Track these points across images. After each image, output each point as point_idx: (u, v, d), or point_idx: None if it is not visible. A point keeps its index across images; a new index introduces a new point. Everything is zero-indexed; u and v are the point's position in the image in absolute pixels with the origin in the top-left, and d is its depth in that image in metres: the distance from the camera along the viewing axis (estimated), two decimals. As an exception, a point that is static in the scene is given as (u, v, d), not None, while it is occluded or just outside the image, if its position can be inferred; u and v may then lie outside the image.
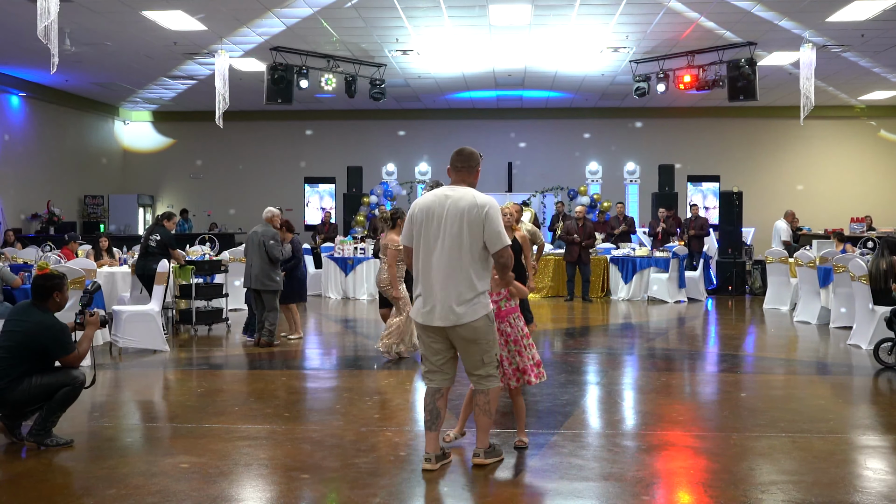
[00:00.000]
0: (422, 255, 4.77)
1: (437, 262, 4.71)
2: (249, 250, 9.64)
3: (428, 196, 4.87)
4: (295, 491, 4.60)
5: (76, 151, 20.34)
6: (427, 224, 4.76)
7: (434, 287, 4.72)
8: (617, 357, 9.26)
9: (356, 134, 21.99)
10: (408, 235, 4.89)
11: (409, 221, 4.88)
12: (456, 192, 4.80)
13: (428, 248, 4.75)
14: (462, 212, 4.69)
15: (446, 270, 4.69)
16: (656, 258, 14.81)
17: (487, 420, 4.90)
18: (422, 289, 4.78)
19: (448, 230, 4.69)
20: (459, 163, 4.92)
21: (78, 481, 4.87)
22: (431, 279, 4.73)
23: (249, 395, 7.22)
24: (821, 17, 12.41)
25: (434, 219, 4.74)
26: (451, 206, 4.72)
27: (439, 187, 4.96)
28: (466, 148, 4.98)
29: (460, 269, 4.69)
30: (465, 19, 12.69)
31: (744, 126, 21.33)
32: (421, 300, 4.79)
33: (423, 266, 4.77)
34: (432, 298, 4.72)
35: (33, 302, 5.50)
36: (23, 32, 12.52)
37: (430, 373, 4.91)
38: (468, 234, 4.67)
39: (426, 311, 4.76)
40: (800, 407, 6.68)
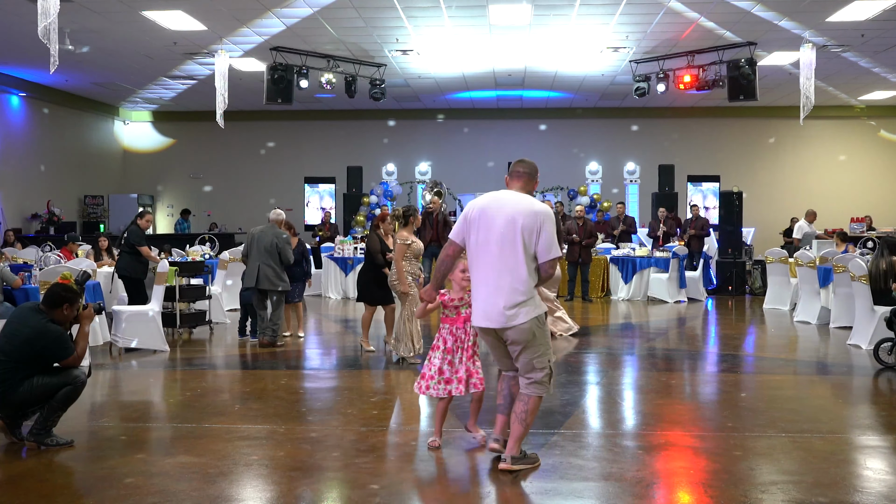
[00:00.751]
0: (477, 256, 4.80)
1: (490, 264, 4.74)
2: (256, 251, 9.56)
3: (485, 197, 4.93)
4: (295, 491, 4.60)
5: (76, 151, 20.34)
6: (482, 225, 4.78)
7: (485, 288, 4.75)
8: (617, 357, 9.26)
9: (356, 134, 21.99)
10: (458, 232, 4.90)
11: (463, 220, 4.90)
12: (514, 196, 4.88)
13: (482, 249, 4.77)
14: (519, 216, 4.72)
15: (498, 273, 4.71)
16: (656, 258, 14.81)
17: (521, 428, 4.84)
18: (478, 290, 4.82)
19: (503, 233, 4.71)
20: (521, 168, 5.03)
21: (78, 481, 4.87)
22: (483, 280, 4.77)
23: (249, 395, 7.21)
24: (821, 17, 12.42)
25: (490, 220, 4.77)
26: (508, 210, 4.76)
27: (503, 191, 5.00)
28: (528, 159, 5.14)
29: (513, 271, 4.70)
30: (465, 19, 12.69)
31: (744, 126, 21.34)
32: (477, 304, 4.83)
33: (477, 266, 4.80)
34: (482, 300, 4.77)
35: (40, 305, 5.47)
36: (23, 32, 12.52)
37: (498, 361, 5.07)
38: (523, 239, 4.69)
39: (478, 312, 4.82)
40: (800, 407, 6.68)
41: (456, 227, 4.93)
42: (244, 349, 9.64)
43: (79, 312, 5.62)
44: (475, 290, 4.83)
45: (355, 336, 11.00)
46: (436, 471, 4.93)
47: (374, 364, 8.70)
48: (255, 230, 9.81)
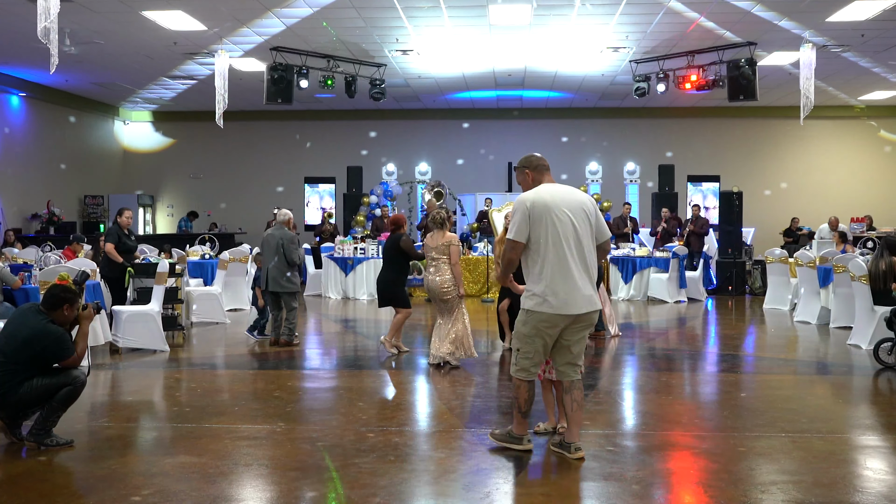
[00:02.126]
0: (554, 249, 4.93)
1: (574, 254, 4.95)
2: (266, 253, 9.60)
3: (541, 193, 5.03)
4: (295, 491, 4.60)
5: (76, 151, 20.34)
6: (551, 219, 4.93)
7: (573, 277, 4.92)
8: (617, 357, 9.26)
9: (356, 134, 22.00)
10: (524, 231, 4.98)
11: (525, 218, 4.97)
12: (566, 188, 5.16)
13: (563, 242, 4.93)
14: (582, 207, 5.05)
15: (581, 261, 4.97)
16: (656, 258, 14.81)
17: (582, 415, 5.26)
18: (557, 280, 4.92)
19: (577, 224, 4.97)
20: (544, 162, 5.25)
21: (78, 481, 4.87)
22: (570, 270, 4.92)
23: (249, 395, 7.22)
24: (821, 17, 12.42)
25: (559, 213, 4.95)
26: (573, 202, 5.03)
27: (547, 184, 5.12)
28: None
29: (590, 258, 5.04)
30: (465, 19, 12.69)
31: (744, 126, 21.35)
32: (555, 291, 4.91)
33: (558, 258, 4.92)
34: (572, 287, 4.92)
35: (39, 307, 5.46)
36: (23, 32, 12.52)
37: (536, 366, 5.15)
38: (590, 227, 5.06)
39: (565, 300, 4.91)
40: (800, 407, 6.68)
41: (519, 226, 5.00)
42: (244, 349, 9.64)
43: (78, 312, 5.62)
44: (562, 282, 4.92)
45: (355, 336, 11.00)
46: (436, 471, 4.93)
47: (373, 364, 8.70)
48: (266, 232, 9.87)
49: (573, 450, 5.10)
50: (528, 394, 5.18)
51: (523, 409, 5.19)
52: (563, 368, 5.16)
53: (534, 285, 5.01)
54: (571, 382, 5.13)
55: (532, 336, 5.04)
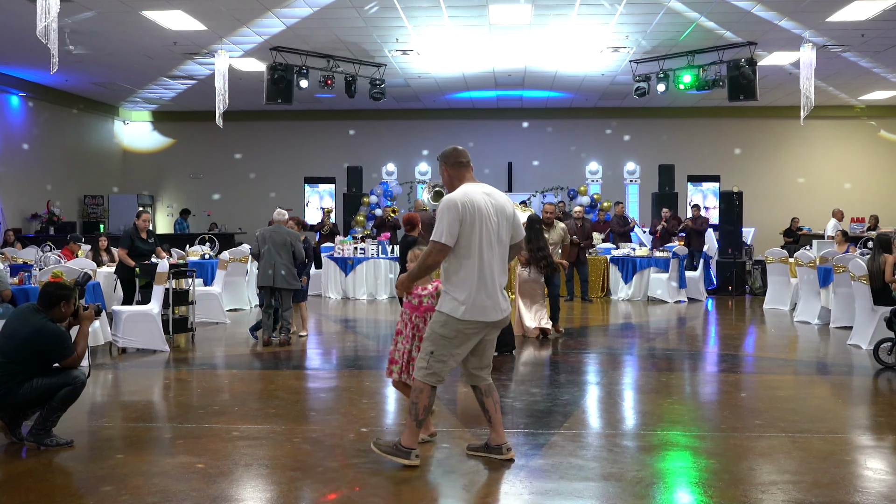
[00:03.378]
0: (480, 252, 4.77)
1: (493, 258, 4.83)
2: (270, 250, 9.57)
3: (473, 194, 4.83)
4: (295, 491, 4.60)
5: (76, 151, 20.34)
6: (483, 222, 4.78)
7: (493, 282, 4.81)
8: (617, 357, 9.26)
9: (356, 134, 22.00)
10: (454, 236, 4.72)
11: (456, 220, 4.71)
12: (489, 189, 4.98)
13: (487, 245, 4.79)
14: (503, 208, 4.91)
15: (499, 266, 4.87)
16: (656, 258, 14.81)
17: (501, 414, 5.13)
18: (480, 285, 4.77)
19: (498, 227, 4.85)
20: (466, 158, 5.06)
21: (78, 481, 4.87)
22: (492, 274, 4.81)
23: (249, 395, 7.21)
24: (821, 17, 12.42)
25: (486, 216, 4.81)
26: (495, 204, 4.88)
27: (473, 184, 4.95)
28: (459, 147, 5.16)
29: (505, 263, 4.96)
30: (465, 19, 12.69)
31: (744, 126, 21.34)
32: (481, 298, 4.76)
33: (481, 262, 4.77)
34: (493, 293, 4.81)
35: (37, 306, 5.47)
36: (23, 32, 12.52)
37: (446, 373, 4.89)
38: (509, 230, 4.94)
39: (489, 306, 4.80)
40: (800, 407, 6.68)
41: (450, 228, 4.70)
42: (244, 349, 9.64)
43: (79, 313, 5.63)
44: (485, 287, 4.76)
45: (355, 336, 11.00)
46: (436, 471, 4.93)
47: (373, 364, 8.70)
48: (264, 230, 9.86)
49: (504, 450, 5.00)
50: (430, 401, 4.89)
51: (421, 416, 4.87)
52: (476, 373, 5.01)
53: (458, 290, 4.75)
54: (488, 385, 5.02)
55: (452, 339, 4.79)
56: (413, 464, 4.84)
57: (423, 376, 4.83)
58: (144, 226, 10.32)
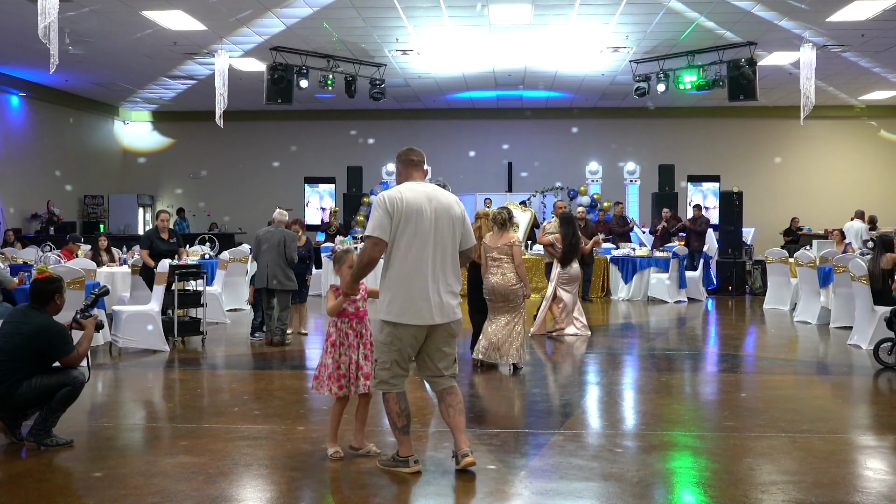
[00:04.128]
0: (413, 252, 4.64)
1: (430, 260, 4.67)
2: (266, 251, 9.59)
3: (408, 192, 4.73)
4: (295, 491, 4.60)
5: (76, 151, 20.34)
6: (416, 220, 4.65)
7: (428, 284, 4.65)
8: (617, 357, 9.25)
9: (356, 134, 21.99)
10: (385, 230, 4.64)
11: (387, 215, 4.64)
12: (432, 189, 4.85)
13: (420, 245, 4.65)
14: (448, 209, 4.77)
15: (440, 267, 4.70)
16: (656, 258, 14.81)
17: (463, 418, 4.85)
18: (410, 286, 4.64)
19: (439, 227, 4.70)
20: (417, 157, 4.98)
21: (78, 481, 4.87)
22: (425, 276, 4.65)
23: (249, 395, 7.21)
24: (821, 17, 12.42)
25: (424, 216, 4.67)
26: (437, 204, 4.74)
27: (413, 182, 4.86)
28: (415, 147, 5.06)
29: (451, 265, 4.77)
30: (465, 19, 12.69)
31: (744, 126, 21.34)
32: (408, 299, 4.64)
33: (415, 263, 4.65)
34: (426, 295, 4.64)
35: (32, 305, 5.49)
36: (23, 32, 12.52)
37: (398, 377, 4.76)
38: (454, 231, 4.77)
39: (419, 308, 4.64)
40: (800, 407, 6.68)
41: (380, 223, 4.64)
42: (244, 349, 9.64)
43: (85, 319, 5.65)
44: (407, 287, 4.64)
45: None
46: (436, 471, 4.93)
47: (374, 364, 8.68)
48: (260, 231, 9.89)
49: (461, 458, 4.75)
50: (398, 406, 4.75)
51: (399, 424, 4.76)
52: (430, 379, 4.87)
53: (386, 291, 4.71)
54: (442, 390, 4.82)
55: (389, 344, 4.71)
56: (413, 470, 4.78)
57: (374, 385, 4.85)
58: (164, 226, 10.25)
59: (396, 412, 4.76)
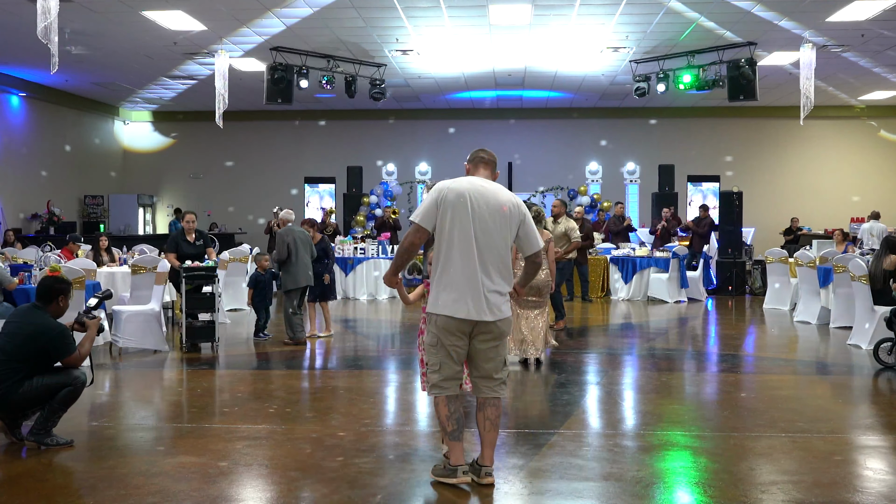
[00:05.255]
0: (459, 245, 4.49)
1: (475, 252, 4.49)
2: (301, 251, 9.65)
3: (462, 182, 4.62)
4: (295, 491, 4.60)
5: (76, 151, 20.34)
6: (462, 211, 4.50)
7: (476, 279, 4.47)
8: (617, 357, 9.25)
9: (356, 134, 21.99)
10: (430, 218, 4.53)
11: (434, 204, 4.53)
12: (492, 184, 4.68)
13: (463, 236, 4.49)
14: (501, 206, 4.57)
15: (486, 262, 4.50)
16: (656, 258, 14.81)
17: (497, 435, 4.70)
18: (458, 281, 4.48)
19: (489, 222, 4.51)
20: (487, 155, 4.85)
21: (78, 481, 4.87)
22: (474, 271, 4.48)
23: (249, 395, 7.21)
24: (821, 17, 12.41)
25: (472, 207, 4.51)
26: (491, 197, 4.57)
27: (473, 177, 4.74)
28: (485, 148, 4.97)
29: (500, 261, 4.56)
30: (465, 19, 12.69)
31: (744, 126, 21.34)
32: (454, 293, 4.48)
33: (461, 256, 4.49)
34: (473, 290, 4.47)
35: (35, 303, 5.49)
36: (23, 32, 12.51)
37: (449, 380, 4.59)
38: (506, 229, 4.57)
39: (465, 303, 4.47)
40: (800, 407, 6.68)
41: (425, 211, 4.54)
42: (244, 349, 9.64)
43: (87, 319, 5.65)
44: (450, 280, 4.49)
45: (355, 336, 10.99)
46: (436, 471, 4.93)
47: (374, 364, 8.70)
48: (285, 232, 9.81)
49: (483, 474, 4.59)
50: (448, 410, 4.57)
51: (448, 428, 4.59)
52: (475, 382, 4.70)
53: (435, 284, 4.56)
54: (485, 399, 4.64)
55: (434, 345, 4.58)
56: (461, 480, 4.59)
57: (428, 390, 4.71)
58: (190, 227, 9.91)
59: (446, 415, 4.59)
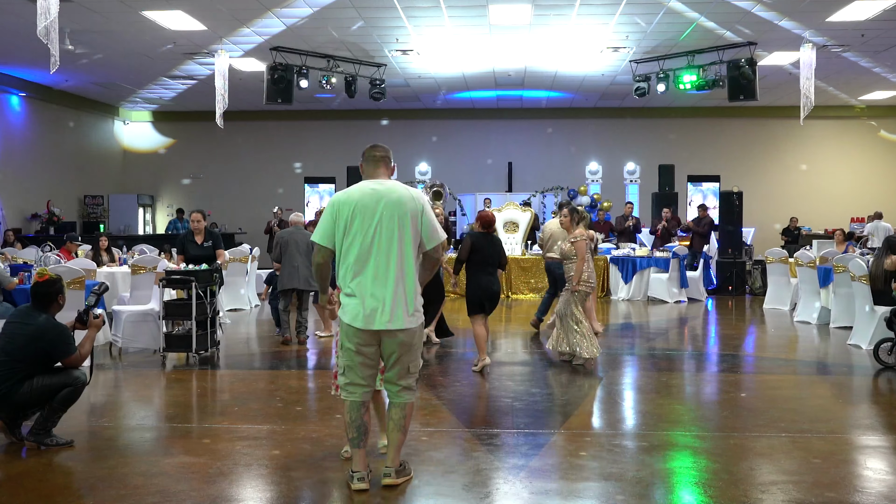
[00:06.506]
0: (357, 254, 4.40)
1: (379, 261, 4.40)
2: (293, 252, 9.69)
3: (352, 191, 4.52)
4: (295, 491, 4.60)
5: (76, 151, 20.34)
6: (360, 220, 4.41)
7: (378, 287, 4.39)
8: (617, 357, 9.25)
9: (356, 134, 21.99)
10: (329, 234, 4.47)
11: (331, 218, 4.47)
12: (384, 185, 4.54)
13: (365, 247, 4.40)
14: (399, 206, 4.44)
15: (392, 269, 4.41)
16: (656, 258, 14.80)
17: (402, 437, 4.62)
18: (361, 290, 4.41)
19: (387, 226, 4.41)
20: (381, 153, 4.68)
21: (78, 481, 4.87)
22: (374, 279, 4.39)
23: (249, 395, 7.21)
24: (821, 17, 12.42)
25: (368, 214, 4.41)
26: (385, 201, 4.44)
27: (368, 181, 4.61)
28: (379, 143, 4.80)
29: (406, 267, 4.45)
30: (465, 19, 12.69)
31: (744, 126, 21.35)
32: (360, 302, 4.41)
33: (361, 265, 4.41)
34: (377, 299, 4.39)
35: (35, 306, 5.49)
36: (23, 32, 12.51)
37: (356, 385, 4.51)
38: (409, 229, 4.45)
39: (368, 313, 4.39)
40: (800, 407, 6.68)
41: (323, 229, 4.49)
42: (244, 349, 9.64)
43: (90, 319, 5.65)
44: (367, 292, 4.39)
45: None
46: (435, 471, 4.93)
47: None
48: (284, 233, 9.98)
49: (383, 475, 4.59)
50: (349, 416, 4.51)
51: (348, 434, 4.55)
52: (383, 384, 4.71)
53: (342, 294, 4.51)
54: (390, 403, 4.62)
55: (342, 348, 4.54)
56: (355, 488, 4.50)
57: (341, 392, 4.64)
58: (197, 227, 9.27)
59: (346, 422, 4.53)
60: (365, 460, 4.57)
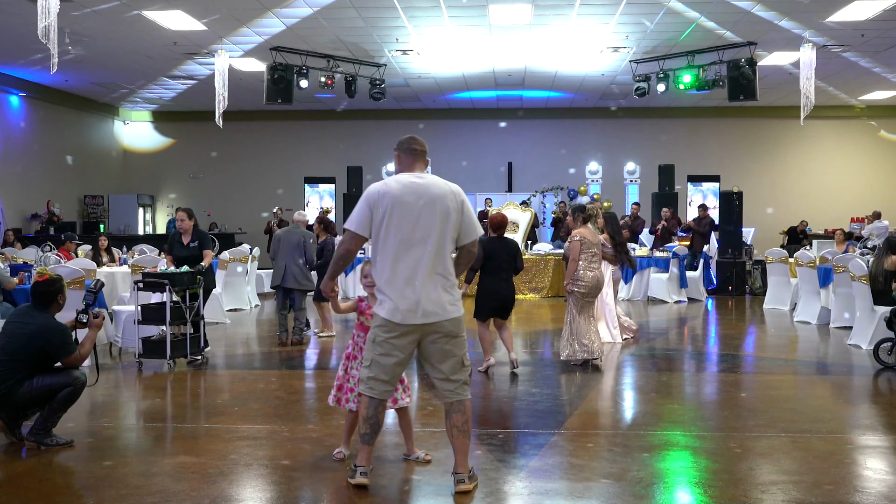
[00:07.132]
0: (395, 247, 4.33)
1: (418, 255, 4.33)
2: (283, 250, 9.69)
3: (391, 182, 4.44)
4: (295, 491, 4.60)
5: (76, 151, 20.34)
6: (400, 213, 4.33)
7: (415, 281, 4.31)
8: (617, 357, 9.25)
9: (356, 134, 22.00)
10: (365, 224, 4.37)
11: (368, 208, 4.37)
12: (424, 178, 4.48)
13: (404, 240, 4.33)
14: (440, 201, 4.39)
15: (428, 261, 4.33)
16: (656, 258, 14.80)
17: (468, 441, 4.52)
18: (392, 282, 4.33)
19: (427, 219, 4.34)
20: (419, 146, 4.62)
21: (78, 481, 4.87)
22: (411, 272, 4.32)
23: (249, 395, 7.21)
24: (821, 17, 12.42)
25: (408, 208, 4.34)
26: (426, 195, 4.38)
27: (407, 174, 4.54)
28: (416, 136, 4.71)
29: (445, 261, 4.39)
30: (465, 19, 12.69)
31: (744, 126, 21.35)
32: (393, 295, 4.33)
33: (400, 259, 4.33)
34: (413, 293, 4.31)
35: (35, 306, 5.49)
36: (23, 32, 12.52)
37: (381, 382, 4.42)
38: (448, 222, 4.39)
39: (407, 308, 4.31)
40: (800, 407, 6.68)
41: (360, 217, 4.38)
42: (244, 349, 9.63)
43: (90, 318, 5.66)
44: (401, 287, 4.32)
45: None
46: (435, 471, 4.93)
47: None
48: (280, 232, 10.04)
49: (456, 482, 4.48)
50: (367, 411, 4.44)
51: (361, 429, 4.48)
52: (436, 386, 4.51)
53: (378, 289, 4.43)
54: (450, 404, 4.46)
55: (372, 342, 4.44)
56: (355, 482, 4.47)
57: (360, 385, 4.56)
58: (182, 227, 8.87)
59: (363, 417, 4.48)
60: (370, 456, 4.56)
